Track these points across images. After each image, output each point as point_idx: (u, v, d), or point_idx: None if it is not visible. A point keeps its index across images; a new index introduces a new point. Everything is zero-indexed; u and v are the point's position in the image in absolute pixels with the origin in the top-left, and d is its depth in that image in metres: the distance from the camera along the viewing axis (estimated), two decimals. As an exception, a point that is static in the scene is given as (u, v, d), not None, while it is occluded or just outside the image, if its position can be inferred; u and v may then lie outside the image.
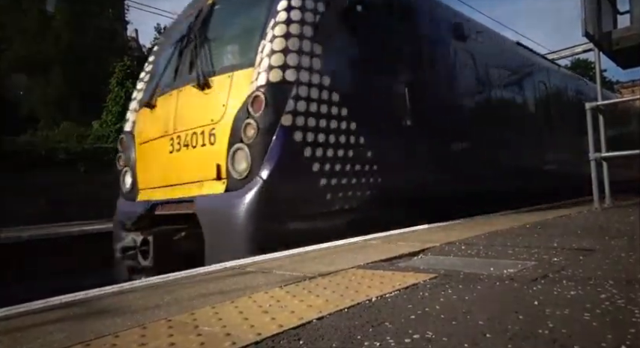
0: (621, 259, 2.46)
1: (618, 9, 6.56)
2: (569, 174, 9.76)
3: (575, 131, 10.05)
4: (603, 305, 1.60)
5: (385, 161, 4.98)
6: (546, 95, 9.93)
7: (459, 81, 6.90)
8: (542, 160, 9.44)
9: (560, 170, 9.87)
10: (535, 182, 8.76)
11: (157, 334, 1.51)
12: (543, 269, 2.28)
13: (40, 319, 1.82)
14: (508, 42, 9.45)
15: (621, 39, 5.87)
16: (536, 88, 9.60)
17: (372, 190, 4.80)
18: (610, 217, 4.89)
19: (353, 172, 4.65)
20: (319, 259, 2.94)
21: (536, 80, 9.61)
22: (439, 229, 4.48)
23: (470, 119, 7.06)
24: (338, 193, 4.47)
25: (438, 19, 6.68)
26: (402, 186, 5.13)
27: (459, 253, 2.90)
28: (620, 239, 3.17)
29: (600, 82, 6.30)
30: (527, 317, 1.50)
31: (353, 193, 4.62)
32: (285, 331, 1.49)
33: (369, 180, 4.81)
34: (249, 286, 2.20)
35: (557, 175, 9.70)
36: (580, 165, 10.05)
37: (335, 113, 4.52)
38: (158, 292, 2.20)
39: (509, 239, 3.45)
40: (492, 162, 7.33)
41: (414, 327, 1.46)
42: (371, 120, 4.95)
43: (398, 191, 5.06)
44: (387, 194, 4.91)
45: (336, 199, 4.45)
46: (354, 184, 4.64)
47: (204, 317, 1.69)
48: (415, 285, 2.06)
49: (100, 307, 1.96)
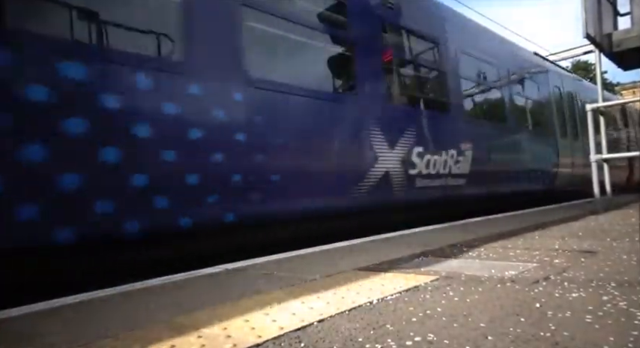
0: (623, 261, 2.45)
1: (619, 10, 6.56)
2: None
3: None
4: (605, 307, 1.59)
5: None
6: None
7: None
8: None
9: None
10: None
11: (158, 336, 1.51)
12: (545, 271, 2.27)
13: (40, 321, 1.82)
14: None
15: (622, 41, 5.87)
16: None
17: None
18: (612, 218, 4.88)
19: None
20: (320, 260, 2.94)
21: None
22: (440, 230, 4.47)
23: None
24: None
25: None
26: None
27: (461, 255, 2.89)
28: (622, 241, 3.17)
29: (601, 84, 6.29)
30: (528, 320, 1.50)
31: None
32: (286, 333, 1.49)
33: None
34: (250, 288, 2.19)
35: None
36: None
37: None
38: (158, 293, 2.19)
39: (510, 241, 3.44)
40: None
41: (416, 329, 1.46)
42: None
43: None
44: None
45: None
46: None
47: (205, 319, 1.68)
48: (416, 287, 2.05)
49: (100, 308, 1.96)
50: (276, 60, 4.49)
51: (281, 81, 4.10)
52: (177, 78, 3.30)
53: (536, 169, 8.43)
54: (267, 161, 3.84)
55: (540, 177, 8.63)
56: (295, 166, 4.13)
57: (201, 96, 3.43)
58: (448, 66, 6.44)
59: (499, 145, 7.32)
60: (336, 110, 4.59)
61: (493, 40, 8.16)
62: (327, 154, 4.47)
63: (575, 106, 10.63)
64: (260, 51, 4.19)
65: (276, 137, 3.95)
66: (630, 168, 13.24)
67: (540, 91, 9.23)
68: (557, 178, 9.30)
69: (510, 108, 7.96)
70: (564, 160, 9.52)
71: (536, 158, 8.45)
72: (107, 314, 1.85)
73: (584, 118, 8.00)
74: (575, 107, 10.66)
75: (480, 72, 7.34)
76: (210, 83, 3.51)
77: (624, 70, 7.26)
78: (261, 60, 4.16)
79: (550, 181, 9.05)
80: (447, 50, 6.47)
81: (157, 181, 3.13)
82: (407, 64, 6.07)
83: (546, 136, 9.14)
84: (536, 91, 9.10)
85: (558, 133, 9.54)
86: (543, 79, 9.47)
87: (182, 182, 3.27)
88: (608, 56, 6.24)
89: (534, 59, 9.61)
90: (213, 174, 3.46)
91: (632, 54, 5.97)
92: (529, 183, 8.24)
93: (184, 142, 3.29)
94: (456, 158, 6.16)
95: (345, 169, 4.62)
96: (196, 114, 3.40)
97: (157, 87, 3.18)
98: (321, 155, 4.40)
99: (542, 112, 9.21)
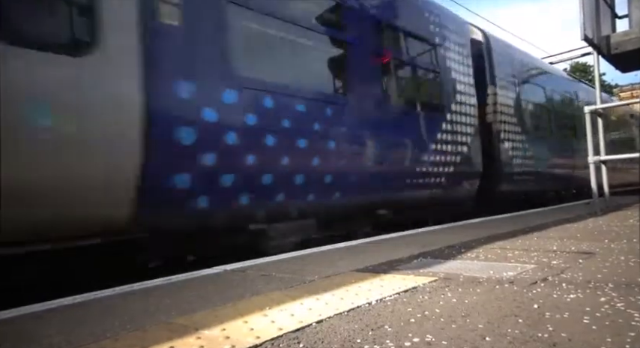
0: (621, 262, 2.46)
1: (617, 13, 6.59)
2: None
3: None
4: (603, 309, 1.60)
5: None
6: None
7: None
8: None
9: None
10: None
11: (157, 337, 1.51)
12: (543, 272, 2.28)
13: (39, 322, 1.82)
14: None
15: (620, 43, 5.89)
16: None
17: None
18: (609, 220, 4.89)
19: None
20: (319, 262, 2.94)
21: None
22: (439, 231, 4.48)
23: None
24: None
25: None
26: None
27: (459, 256, 2.90)
28: (620, 242, 3.18)
29: (599, 86, 6.31)
30: (526, 321, 1.51)
31: None
32: (284, 334, 1.49)
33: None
34: (249, 289, 2.20)
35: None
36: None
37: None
38: (158, 294, 2.19)
39: (508, 242, 3.45)
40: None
41: (414, 330, 1.46)
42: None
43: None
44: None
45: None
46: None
47: (204, 320, 1.69)
48: (415, 288, 2.06)
49: (100, 309, 1.96)
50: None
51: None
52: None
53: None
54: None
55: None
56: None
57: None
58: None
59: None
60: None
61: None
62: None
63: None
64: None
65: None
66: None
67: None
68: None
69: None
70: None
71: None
72: (107, 315, 1.85)
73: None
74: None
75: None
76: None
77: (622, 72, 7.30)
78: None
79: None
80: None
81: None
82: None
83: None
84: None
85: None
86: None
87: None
88: (607, 58, 6.26)
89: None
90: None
91: (630, 56, 5.99)
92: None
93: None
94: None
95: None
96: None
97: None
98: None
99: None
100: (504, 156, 7.56)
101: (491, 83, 7.55)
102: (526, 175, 8.15)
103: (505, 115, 7.71)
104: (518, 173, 7.92)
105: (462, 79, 6.67)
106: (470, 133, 6.69)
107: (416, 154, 5.62)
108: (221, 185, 3.53)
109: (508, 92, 7.97)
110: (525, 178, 8.14)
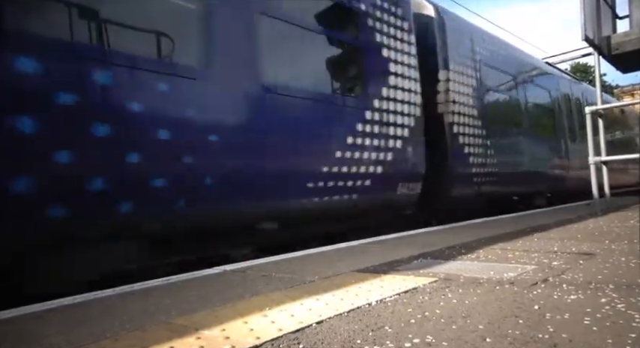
0: (621, 263, 2.46)
1: (617, 13, 6.59)
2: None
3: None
4: (604, 310, 1.60)
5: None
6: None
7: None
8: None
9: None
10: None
11: (157, 337, 1.51)
12: (543, 273, 2.27)
13: (39, 322, 1.82)
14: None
15: (621, 43, 5.89)
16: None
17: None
18: (610, 220, 4.89)
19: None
20: (319, 262, 2.94)
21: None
22: (439, 232, 4.48)
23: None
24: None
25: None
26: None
27: (459, 257, 2.90)
28: (620, 243, 3.17)
29: (600, 87, 6.31)
30: (527, 321, 1.50)
31: None
32: (284, 334, 1.49)
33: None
34: (249, 289, 2.19)
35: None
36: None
37: None
38: (157, 294, 2.19)
39: (509, 243, 3.45)
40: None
41: (414, 331, 1.46)
42: None
43: None
44: None
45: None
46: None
47: (204, 320, 1.68)
48: (415, 289, 2.05)
49: (100, 309, 1.96)
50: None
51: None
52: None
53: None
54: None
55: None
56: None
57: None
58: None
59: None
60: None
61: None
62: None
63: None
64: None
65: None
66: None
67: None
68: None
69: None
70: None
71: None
72: (106, 315, 1.84)
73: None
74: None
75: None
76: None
77: (623, 73, 7.29)
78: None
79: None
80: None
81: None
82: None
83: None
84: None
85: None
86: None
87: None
88: (607, 59, 6.26)
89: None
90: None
91: (630, 56, 5.99)
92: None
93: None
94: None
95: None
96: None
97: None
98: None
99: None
100: (458, 154, 6.28)
101: (443, 67, 6.24)
102: (488, 176, 6.87)
103: (462, 106, 6.42)
104: (478, 174, 6.66)
105: (398, 59, 5.30)
106: (409, 126, 5.38)
107: (316, 148, 4.34)
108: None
109: (467, 79, 6.61)
110: (487, 181, 6.85)
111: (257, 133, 3.80)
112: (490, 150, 6.94)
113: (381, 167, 4.94)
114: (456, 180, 6.35)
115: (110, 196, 2.91)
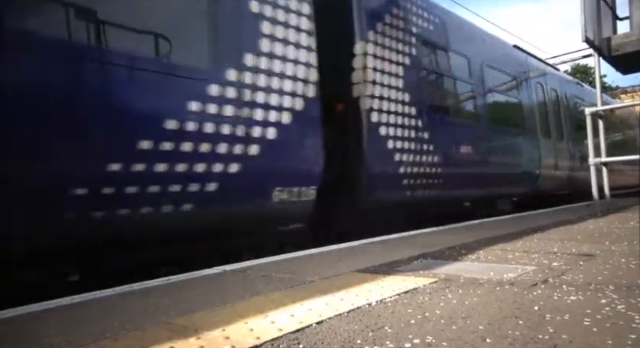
0: (621, 264, 2.46)
1: (618, 14, 6.58)
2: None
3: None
4: (604, 311, 1.60)
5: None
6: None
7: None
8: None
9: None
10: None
11: (157, 337, 1.51)
12: (543, 274, 2.27)
13: (39, 322, 1.82)
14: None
15: (621, 44, 5.89)
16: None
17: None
18: (610, 221, 4.89)
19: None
20: (319, 262, 2.94)
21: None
22: (439, 233, 4.48)
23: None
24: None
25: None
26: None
27: (460, 258, 2.90)
28: (621, 244, 3.17)
29: (600, 88, 6.31)
30: (527, 322, 1.50)
31: None
32: (284, 334, 1.49)
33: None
34: (249, 289, 2.19)
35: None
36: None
37: None
38: (157, 294, 2.19)
39: (509, 244, 3.45)
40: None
41: (414, 331, 1.46)
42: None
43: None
44: None
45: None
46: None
47: (204, 320, 1.68)
48: (415, 289, 2.05)
49: (99, 309, 1.96)
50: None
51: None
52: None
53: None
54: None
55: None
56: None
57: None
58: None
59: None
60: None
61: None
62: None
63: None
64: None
65: None
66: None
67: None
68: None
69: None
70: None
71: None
72: (106, 315, 1.84)
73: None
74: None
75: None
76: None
77: (623, 74, 7.28)
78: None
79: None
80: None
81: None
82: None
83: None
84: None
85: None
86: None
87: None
88: (607, 60, 6.26)
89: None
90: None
91: (631, 58, 5.99)
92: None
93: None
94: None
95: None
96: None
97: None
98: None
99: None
100: (378, 152, 4.92)
101: (361, 38, 4.81)
102: (427, 177, 5.53)
103: (388, 88, 5.01)
104: (410, 176, 5.28)
105: (276, 20, 3.85)
106: (290, 109, 3.93)
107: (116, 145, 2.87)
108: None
109: (397, 55, 5.23)
110: (425, 183, 5.51)
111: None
112: (429, 145, 5.60)
113: (236, 165, 3.49)
114: (373, 185, 4.94)
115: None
